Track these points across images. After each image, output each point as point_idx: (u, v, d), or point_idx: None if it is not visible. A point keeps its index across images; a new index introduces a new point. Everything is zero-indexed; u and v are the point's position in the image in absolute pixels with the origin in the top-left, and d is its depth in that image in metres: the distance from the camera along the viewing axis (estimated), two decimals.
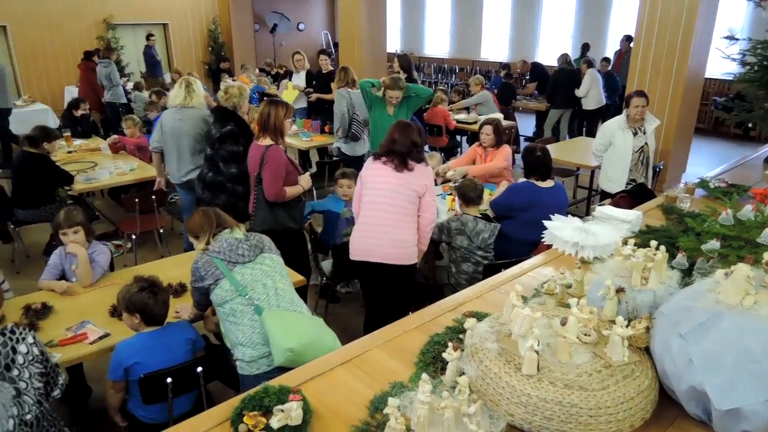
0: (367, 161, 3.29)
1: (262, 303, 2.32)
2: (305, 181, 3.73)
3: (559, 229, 2.67)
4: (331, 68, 7.42)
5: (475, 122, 7.59)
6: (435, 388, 1.56)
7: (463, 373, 1.64)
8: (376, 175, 3.15)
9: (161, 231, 5.15)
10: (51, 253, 4.87)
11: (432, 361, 1.86)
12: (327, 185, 6.17)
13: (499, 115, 7.72)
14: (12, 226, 4.82)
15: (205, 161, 4.12)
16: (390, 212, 3.09)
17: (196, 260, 2.42)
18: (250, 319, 2.31)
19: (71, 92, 10.46)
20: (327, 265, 4.04)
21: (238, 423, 1.57)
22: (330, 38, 16.61)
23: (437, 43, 15.57)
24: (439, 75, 14.86)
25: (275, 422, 1.55)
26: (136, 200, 4.65)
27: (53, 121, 8.58)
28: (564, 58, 8.58)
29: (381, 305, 3.29)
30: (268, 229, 3.53)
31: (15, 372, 1.95)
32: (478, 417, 1.43)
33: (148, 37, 11.94)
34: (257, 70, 11.72)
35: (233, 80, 10.95)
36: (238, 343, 2.32)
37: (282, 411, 1.57)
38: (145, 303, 2.38)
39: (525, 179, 3.76)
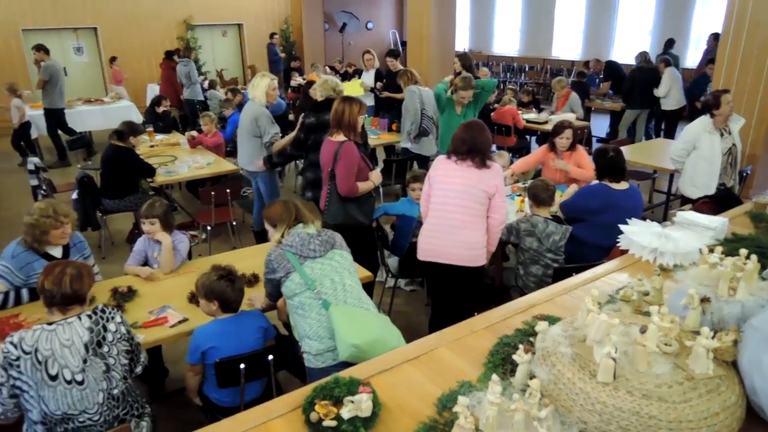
0: (435, 161, 3.27)
1: (329, 298, 2.37)
2: (376, 177, 3.77)
3: (637, 233, 2.57)
4: (401, 67, 7.46)
5: (546, 122, 7.41)
6: (504, 390, 1.54)
7: (534, 377, 1.62)
8: (446, 175, 3.14)
9: (234, 223, 5.36)
10: (133, 240, 5.19)
11: (501, 363, 1.84)
12: (393, 183, 6.21)
13: (573, 115, 7.52)
14: (100, 215, 5.15)
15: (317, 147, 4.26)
16: (459, 213, 3.07)
17: (269, 253, 2.50)
18: (318, 313, 2.36)
19: (153, 90, 11.06)
20: (394, 261, 4.07)
21: (310, 411, 1.62)
22: (398, 37, 16.67)
23: (507, 41, 15.29)
24: (508, 74, 14.61)
25: (346, 413, 1.59)
26: (212, 193, 4.86)
27: (136, 117, 9.08)
28: (643, 56, 8.21)
29: (447, 305, 3.28)
30: (340, 223, 3.61)
31: (105, 348, 2.09)
32: (549, 422, 1.40)
33: (272, 35, 13.39)
34: (327, 69, 11.93)
35: (303, 78, 11.24)
36: (305, 335, 2.38)
37: (352, 402, 1.61)
38: (223, 290, 2.49)
39: (598, 181, 3.64)
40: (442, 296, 3.30)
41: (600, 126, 9.77)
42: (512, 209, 4.06)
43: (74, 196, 4.98)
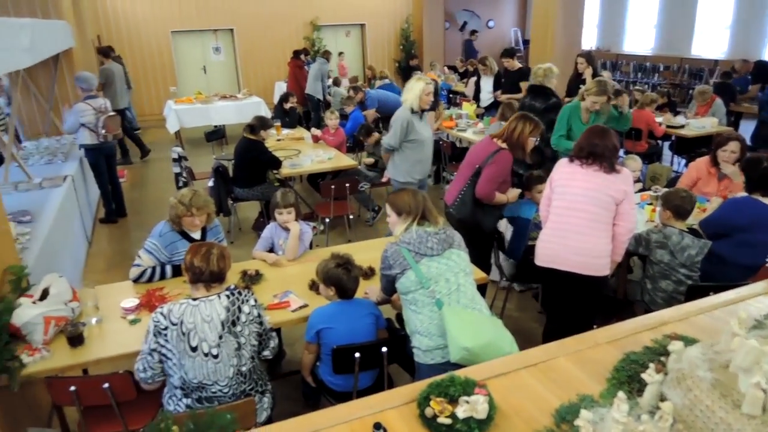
0: (558, 164, 3.16)
1: (443, 297, 2.36)
2: (513, 194, 3.76)
3: None
4: (519, 65, 7.28)
5: (682, 127, 6.85)
6: (631, 409, 1.46)
7: (665, 399, 1.51)
8: (569, 178, 3.02)
9: (350, 217, 5.54)
10: (259, 227, 5.53)
11: (627, 380, 1.75)
12: None
13: (714, 120, 6.89)
14: (231, 202, 5.57)
15: None
16: (582, 218, 2.93)
17: (386, 249, 2.53)
18: (430, 311, 2.37)
19: (280, 87, 11.72)
20: (509, 265, 3.98)
21: (425, 406, 1.64)
22: (520, 35, 16.25)
23: (639, 38, 14.27)
24: (639, 74, 13.66)
25: (461, 412, 1.59)
26: (332, 187, 5.06)
27: (265, 112, 9.68)
28: None
29: (564, 314, 3.15)
30: (462, 218, 3.67)
31: (238, 328, 2.26)
32: None
33: (473, 32, 14.35)
34: (445, 68, 11.93)
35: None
36: (416, 331, 2.40)
37: (468, 402, 1.60)
38: (340, 278, 2.60)
39: (746, 194, 3.30)
40: (560, 305, 3.18)
41: (748, 132, 8.82)
42: (642, 219, 3.81)
43: (210, 183, 5.42)
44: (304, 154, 6.03)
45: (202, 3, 12.66)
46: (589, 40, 14.82)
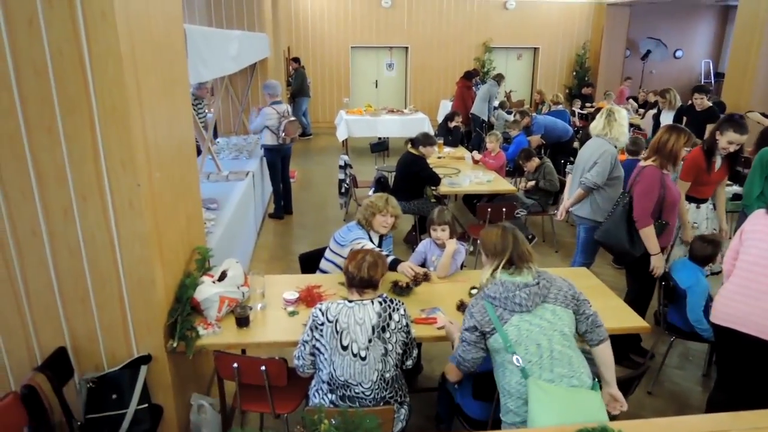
0: (753, 215, 2.81)
1: (531, 366, 2.11)
2: (658, 263, 3.52)
3: None
4: (710, 104, 6.59)
5: None
6: None
7: None
8: (763, 231, 2.67)
9: None
10: (410, 240, 5.67)
11: None
12: None
13: None
14: None
15: None
16: None
17: (472, 304, 2.29)
18: (510, 376, 2.17)
19: (445, 105, 11.94)
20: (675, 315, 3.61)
21: None
22: (712, 67, 14.76)
23: None
24: None
25: None
26: (489, 209, 5.02)
27: (428, 129, 9.92)
28: None
29: (739, 383, 2.77)
30: (613, 243, 3.60)
31: (387, 335, 2.34)
32: None
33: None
34: (631, 101, 11.22)
35: (591, 107, 10.79)
36: (505, 392, 2.21)
37: None
38: None
39: None
40: (736, 372, 2.80)
41: None
42: None
43: (370, 192, 5.68)
44: (464, 173, 6.06)
45: (383, 22, 13.41)
46: None
